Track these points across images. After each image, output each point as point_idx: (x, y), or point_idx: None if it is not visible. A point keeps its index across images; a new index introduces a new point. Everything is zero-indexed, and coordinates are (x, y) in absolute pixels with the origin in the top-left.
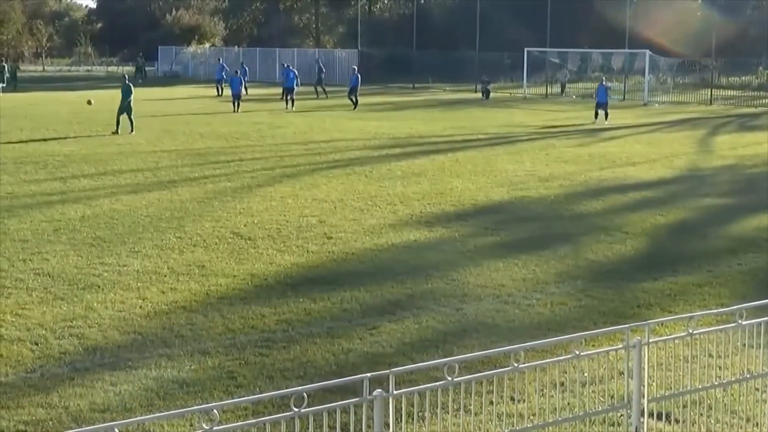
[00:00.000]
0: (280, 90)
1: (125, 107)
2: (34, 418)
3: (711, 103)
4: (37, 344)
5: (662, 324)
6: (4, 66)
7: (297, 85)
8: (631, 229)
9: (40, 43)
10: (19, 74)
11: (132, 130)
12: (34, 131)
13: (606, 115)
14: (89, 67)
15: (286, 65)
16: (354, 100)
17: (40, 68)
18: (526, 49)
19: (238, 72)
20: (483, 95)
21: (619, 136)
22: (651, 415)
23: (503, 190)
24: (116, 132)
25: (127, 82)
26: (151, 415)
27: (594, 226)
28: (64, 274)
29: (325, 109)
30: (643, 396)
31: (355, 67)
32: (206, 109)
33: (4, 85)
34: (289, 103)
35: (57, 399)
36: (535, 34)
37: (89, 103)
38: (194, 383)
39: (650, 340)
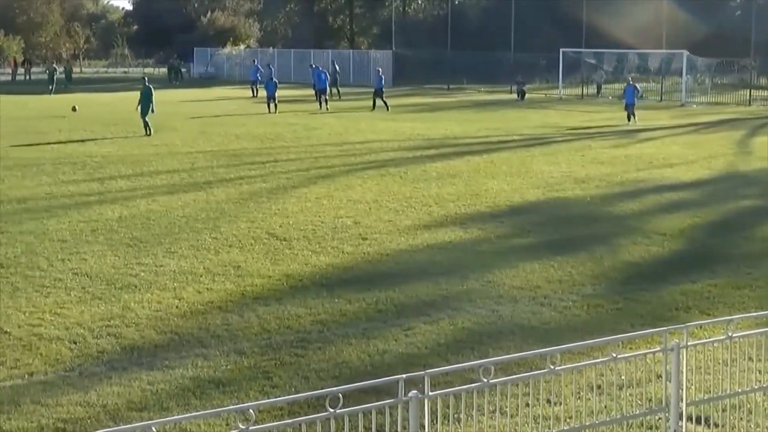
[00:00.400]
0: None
1: (144, 110)
2: (72, 416)
3: (750, 104)
4: (75, 343)
5: (701, 327)
6: (55, 69)
7: (329, 85)
8: (669, 230)
9: (78, 45)
10: (59, 76)
11: (147, 133)
12: (72, 132)
13: (633, 115)
14: (126, 69)
15: (314, 66)
16: (378, 101)
17: (77, 70)
18: (561, 50)
19: (273, 77)
20: (518, 96)
21: (656, 137)
22: (689, 418)
23: (539, 191)
24: (147, 134)
25: (147, 84)
26: (188, 414)
27: (631, 228)
28: (101, 273)
29: (359, 110)
30: (682, 399)
31: (380, 69)
32: (241, 111)
33: (54, 86)
34: (323, 103)
35: (95, 397)
36: (570, 35)
37: (74, 109)
38: (230, 383)
39: (689, 343)
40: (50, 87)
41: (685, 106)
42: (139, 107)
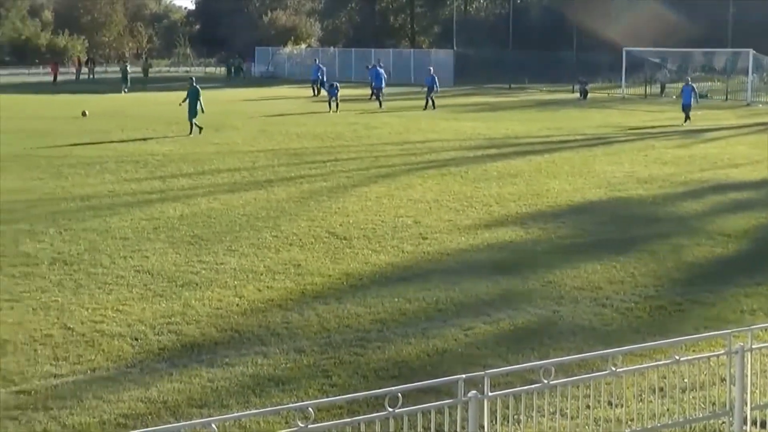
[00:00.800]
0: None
1: (192, 110)
2: (133, 411)
3: None
4: (137, 339)
5: (766, 330)
6: (127, 67)
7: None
8: (733, 231)
9: (141, 44)
10: (135, 75)
11: (191, 132)
12: (135, 131)
13: (688, 117)
14: (188, 68)
15: (371, 66)
16: (429, 100)
17: (137, 69)
18: (624, 49)
19: (327, 80)
20: (581, 95)
21: (721, 137)
22: (754, 423)
23: (601, 191)
24: (199, 132)
25: (194, 84)
26: (248, 412)
27: (694, 229)
28: (163, 271)
29: (419, 109)
30: (746, 403)
31: (431, 68)
32: (302, 110)
33: (128, 85)
34: (380, 102)
35: (156, 393)
36: (634, 33)
37: (84, 114)
38: (290, 381)
39: (753, 346)
40: (124, 86)
41: (751, 105)
42: (187, 107)
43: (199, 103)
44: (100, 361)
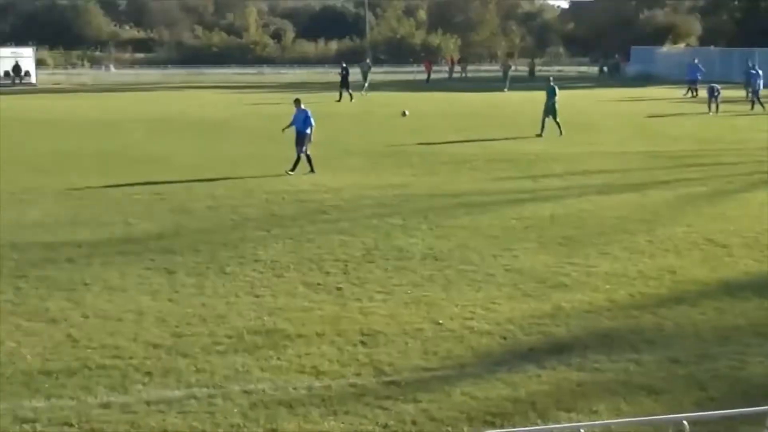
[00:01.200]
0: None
1: (550, 109)
2: (501, 410)
3: None
4: (505, 339)
5: None
6: (510, 66)
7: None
8: None
9: (513, 43)
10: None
11: (561, 133)
12: (505, 130)
13: None
14: (560, 67)
15: (749, 68)
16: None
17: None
18: None
19: (714, 88)
20: None
21: None
22: None
23: None
24: (540, 135)
25: (551, 83)
26: (618, 420)
27: None
28: (532, 271)
29: None
30: None
31: None
32: (678, 111)
33: (508, 85)
34: (757, 104)
35: (524, 394)
36: None
37: (404, 114)
38: (662, 391)
39: None
40: (505, 85)
41: None
42: (546, 106)
43: (550, 102)
44: (468, 358)
